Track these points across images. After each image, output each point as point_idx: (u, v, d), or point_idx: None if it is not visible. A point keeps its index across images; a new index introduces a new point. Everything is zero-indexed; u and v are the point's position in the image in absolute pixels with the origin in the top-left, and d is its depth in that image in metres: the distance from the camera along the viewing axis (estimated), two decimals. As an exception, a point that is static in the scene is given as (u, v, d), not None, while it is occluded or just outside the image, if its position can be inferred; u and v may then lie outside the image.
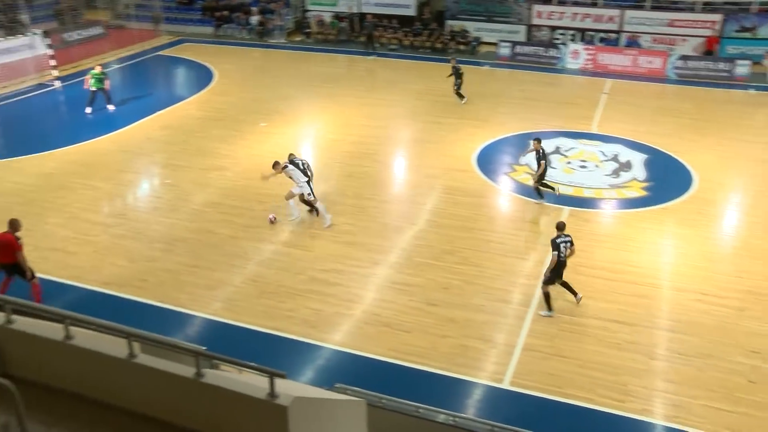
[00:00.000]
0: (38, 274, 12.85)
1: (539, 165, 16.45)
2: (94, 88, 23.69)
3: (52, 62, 28.16)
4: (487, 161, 19.50)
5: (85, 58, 31.98)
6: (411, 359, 11.32)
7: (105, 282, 13.58)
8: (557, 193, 17.00)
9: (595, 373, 11.00)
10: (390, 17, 34.24)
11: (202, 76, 28.82)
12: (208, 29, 37.26)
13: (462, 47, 32.49)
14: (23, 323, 6.17)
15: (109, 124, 22.70)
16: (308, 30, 35.53)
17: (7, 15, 33.96)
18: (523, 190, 17.66)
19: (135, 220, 16.32)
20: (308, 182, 15.63)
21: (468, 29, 33.00)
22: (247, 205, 16.83)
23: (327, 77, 28.66)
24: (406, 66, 30.68)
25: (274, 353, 11.46)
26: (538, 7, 32.56)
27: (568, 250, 12.38)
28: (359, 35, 34.01)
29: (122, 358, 5.62)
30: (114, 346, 5.78)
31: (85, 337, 5.96)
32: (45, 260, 14.35)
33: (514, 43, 31.32)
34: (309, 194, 15.65)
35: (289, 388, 5.44)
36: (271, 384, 5.16)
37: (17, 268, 12.37)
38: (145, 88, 27.85)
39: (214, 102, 25.44)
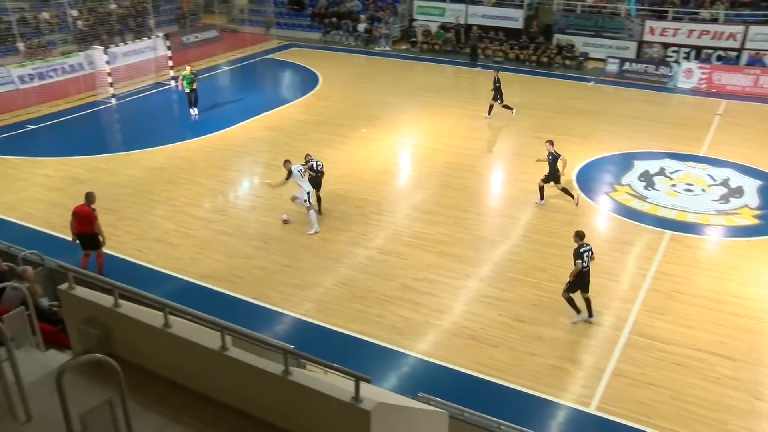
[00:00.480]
0: (142, 263, 13.55)
1: (550, 167, 16.90)
2: (187, 90, 24.32)
3: (170, 63, 29.63)
4: (586, 179, 19.04)
5: (199, 59, 33.46)
6: (496, 374, 11.19)
7: (203, 275, 14.14)
8: (575, 204, 17.22)
9: (689, 407, 10.52)
10: (496, 29, 34.01)
11: (307, 80, 29.54)
12: (316, 35, 38.17)
13: (568, 62, 31.89)
14: (128, 308, 6.52)
15: (216, 123, 23.62)
16: (414, 39, 35.77)
17: (136, 20, 36.05)
18: (622, 210, 17.13)
19: (234, 217, 16.90)
20: (308, 193, 15.69)
21: (575, 44, 32.35)
22: (344, 209, 17.10)
23: (429, 86, 28.77)
24: (509, 79, 30.33)
25: (359, 357, 11.59)
26: (651, 23, 31.52)
27: (590, 259, 12.40)
28: (464, 46, 33.96)
29: (215, 350, 5.83)
30: (208, 338, 6.01)
31: (181, 326, 6.24)
32: (149, 250, 15.11)
33: (623, 60, 30.45)
34: (305, 201, 15.72)
35: (372, 393, 5.49)
36: (356, 388, 5.23)
37: (94, 238, 13.73)
38: (253, 89, 28.79)
39: (317, 106, 26.01)
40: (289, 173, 15.58)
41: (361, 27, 36.63)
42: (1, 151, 21.11)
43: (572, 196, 17.37)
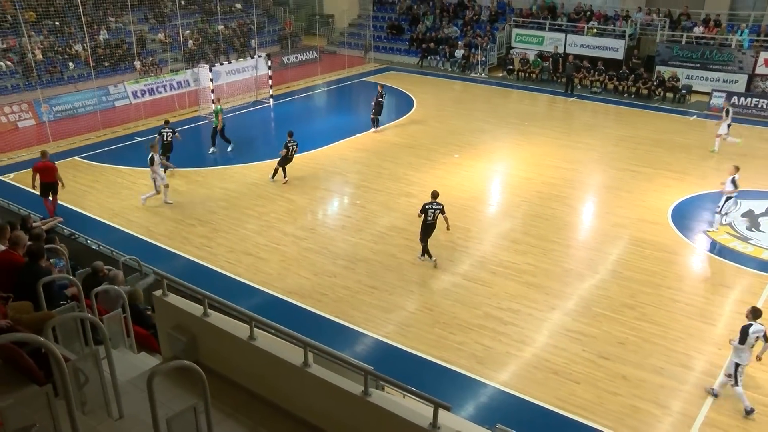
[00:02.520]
0: (231, 275, 14.01)
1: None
2: (217, 125, 23.61)
3: (270, 82, 30.64)
4: (683, 216, 18.34)
5: (297, 79, 34.50)
6: (576, 411, 10.88)
7: (288, 290, 14.44)
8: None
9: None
10: (595, 59, 33.41)
11: (402, 104, 29.86)
12: (413, 59, 38.58)
13: (669, 95, 30.95)
14: (216, 318, 6.74)
15: (310, 143, 24.16)
16: (510, 67, 35.61)
17: (240, 40, 37.56)
18: (721, 251, 16.41)
19: (323, 235, 17.20)
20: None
21: (678, 76, 31.35)
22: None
23: (524, 115, 28.52)
24: (606, 110, 29.75)
25: (437, 383, 11.52)
26: (765, 55, 30.11)
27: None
28: (561, 75, 33.54)
29: (297, 366, 5.94)
30: (291, 353, 6.13)
31: (266, 340, 6.39)
32: (239, 262, 15.56)
33: (731, 94, 29.25)
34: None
35: (451, 421, 5.46)
36: (435, 414, 5.21)
37: (54, 185, 17.62)
38: (348, 110, 29.34)
39: (411, 129, 26.23)
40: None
41: (459, 53, 36.78)
42: (112, 161, 22.33)
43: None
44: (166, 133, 21.40)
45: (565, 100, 31.28)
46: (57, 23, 31.71)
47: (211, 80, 27.54)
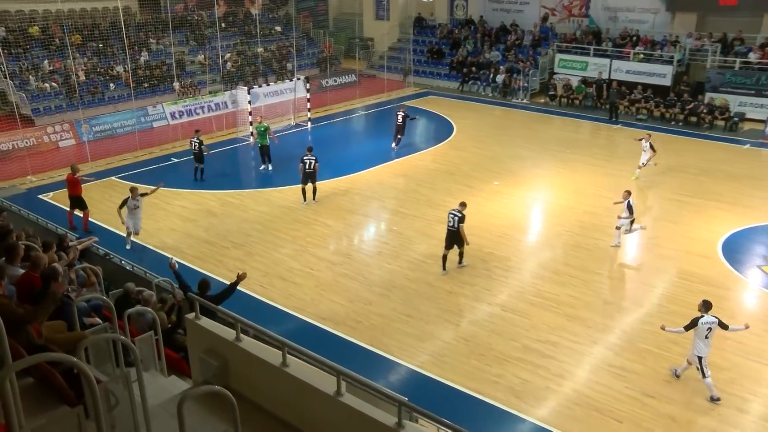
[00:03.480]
0: (264, 299, 14.10)
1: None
2: (259, 144, 24.13)
3: (308, 105, 30.99)
4: (735, 249, 17.94)
5: (335, 102, 34.85)
6: (620, 453, 10.63)
7: (322, 317, 14.46)
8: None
9: None
10: (642, 86, 33.08)
11: (441, 129, 29.92)
12: (454, 84, 38.73)
13: (719, 122, 30.47)
14: (248, 343, 6.76)
15: (347, 167, 24.31)
16: (553, 93, 35.51)
17: (280, 62, 38.18)
18: (775, 287, 16.00)
19: (358, 261, 17.22)
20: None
21: (729, 106, 30.85)
22: (469, 261, 17.02)
23: (566, 142, 28.35)
24: (653, 137, 29.41)
25: (473, 416, 11.38)
26: (825, 82, 29.46)
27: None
28: (605, 102, 33.28)
29: (329, 394, 5.92)
30: (323, 381, 6.11)
31: (298, 367, 6.38)
32: (272, 287, 15.65)
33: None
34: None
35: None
36: (469, 449, 5.13)
37: (81, 200, 18.75)
38: (386, 135, 29.45)
39: (450, 155, 26.25)
40: None
41: (500, 78, 36.81)
42: (149, 181, 22.72)
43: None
44: (194, 143, 22.71)
45: (609, 127, 31.02)
46: (100, 45, 32.71)
47: (250, 102, 27.98)
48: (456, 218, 16.13)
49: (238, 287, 11.79)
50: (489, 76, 37.55)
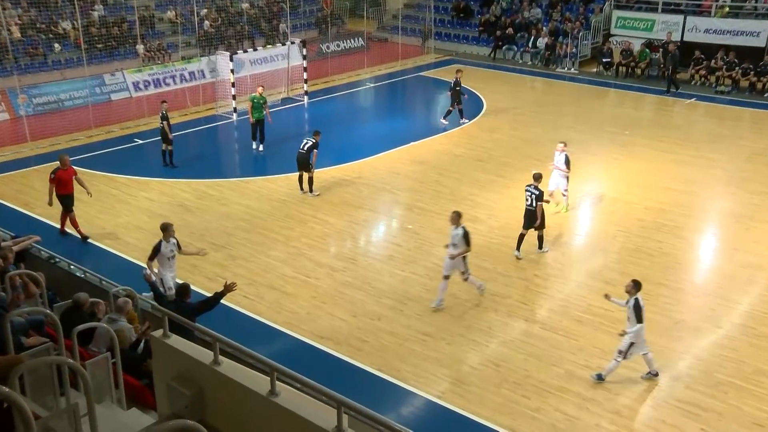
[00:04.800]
0: (250, 313, 14.11)
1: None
2: (252, 119, 24.51)
3: (305, 75, 31.01)
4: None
5: (338, 73, 34.83)
6: None
7: (320, 335, 14.43)
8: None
9: None
10: (725, 49, 32.47)
11: (469, 106, 29.88)
12: (484, 50, 38.67)
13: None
14: (229, 367, 6.72)
15: (353, 152, 24.31)
16: (608, 60, 35.30)
17: (270, 22, 38.12)
18: None
19: (365, 267, 17.19)
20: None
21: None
22: (501, 269, 16.96)
23: (625, 121, 28.23)
24: (738, 115, 29.27)
25: (507, 461, 11.34)
26: None
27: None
28: (675, 70, 32.66)
29: (328, 431, 5.87)
30: (321, 414, 6.07)
31: (290, 396, 6.34)
32: (260, 298, 15.65)
33: None
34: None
35: None
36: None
37: (71, 198, 18.23)
38: (401, 113, 29.49)
39: (479, 138, 26.20)
40: None
41: (541, 42, 36.68)
42: (106, 168, 22.81)
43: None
44: (160, 117, 22.62)
45: (682, 102, 30.86)
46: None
47: (233, 71, 27.96)
48: (533, 195, 17.08)
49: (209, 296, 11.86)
50: (528, 40, 37.44)
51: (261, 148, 24.49)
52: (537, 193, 17.13)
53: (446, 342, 14.31)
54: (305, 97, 30.73)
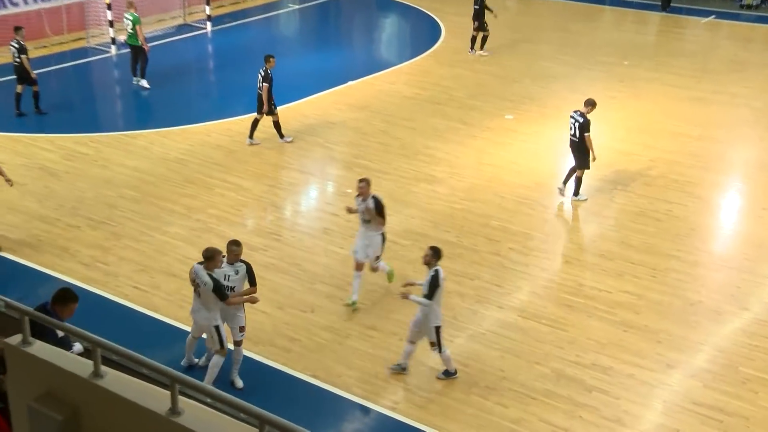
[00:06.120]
0: (142, 309, 14.06)
1: None
2: (130, 43, 24.74)
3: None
4: None
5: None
6: None
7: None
8: None
9: None
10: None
11: (422, 33, 29.84)
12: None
13: None
14: (115, 380, 6.64)
15: (275, 95, 24.13)
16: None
17: None
18: None
19: (292, 245, 17.12)
20: None
21: None
22: (468, 241, 17.04)
23: (624, 48, 28.43)
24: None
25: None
26: None
27: None
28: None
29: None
30: (238, 433, 6.05)
31: (199, 415, 6.30)
32: (155, 289, 15.48)
33: None
34: None
35: None
36: None
37: None
38: (335, 44, 29.29)
39: (437, 74, 26.20)
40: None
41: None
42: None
43: None
44: (13, 49, 22.19)
45: (696, 20, 31.12)
46: None
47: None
48: (577, 124, 17.73)
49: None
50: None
51: (144, 83, 24.25)
52: (581, 121, 17.65)
53: (399, 337, 14.25)
54: (208, 23, 30.37)
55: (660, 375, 13.54)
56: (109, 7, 27.27)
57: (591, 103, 17.97)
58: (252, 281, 12.94)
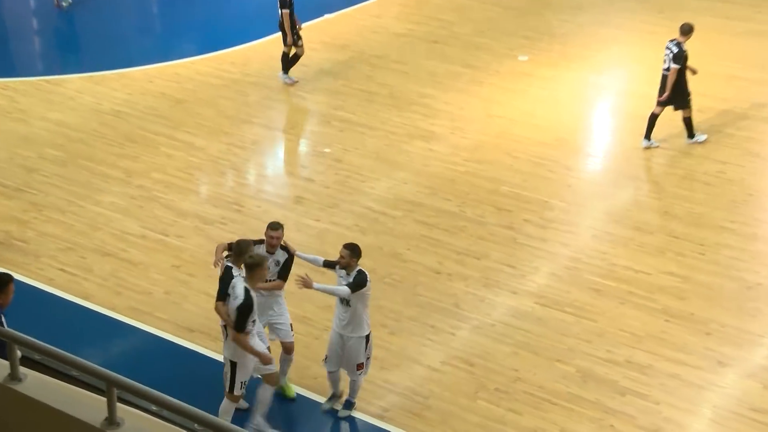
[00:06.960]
0: (69, 296, 13.98)
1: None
2: None
3: None
4: None
5: None
6: None
7: (187, 327, 14.34)
8: None
9: None
10: None
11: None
12: None
13: None
14: (37, 385, 6.63)
15: (231, 32, 24.04)
16: None
17: None
18: None
19: (257, 216, 17.03)
20: None
21: None
22: (474, 213, 17.03)
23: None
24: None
25: None
26: None
27: None
28: None
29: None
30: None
31: (142, 426, 6.31)
32: (87, 272, 15.44)
33: None
34: None
35: None
36: None
37: None
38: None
39: (434, 5, 26.18)
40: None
41: None
42: None
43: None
44: None
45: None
46: None
47: None
48: (671, 54, 17.79)
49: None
50: None
51: (63, 3, 24.29)
52: (676, 51, 17.74)
53: (389, 330, 14.32)
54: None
55: (710, 375, 13.58)
56: None
57: (687, 30, 17.98)
58: (283, 274, 12.81)
